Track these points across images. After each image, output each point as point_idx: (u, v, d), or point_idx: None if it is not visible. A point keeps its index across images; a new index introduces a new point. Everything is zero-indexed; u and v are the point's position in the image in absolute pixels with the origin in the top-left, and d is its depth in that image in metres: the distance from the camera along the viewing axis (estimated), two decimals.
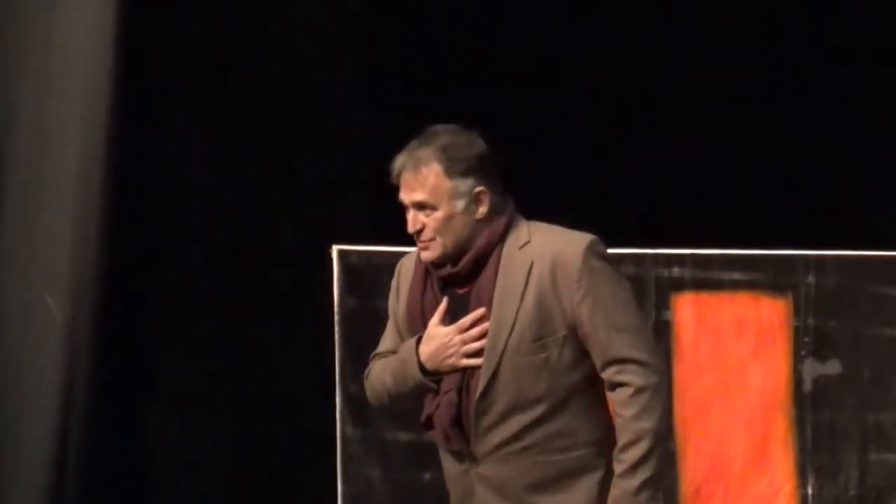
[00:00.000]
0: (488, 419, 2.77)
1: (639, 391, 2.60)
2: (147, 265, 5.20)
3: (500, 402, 2.77)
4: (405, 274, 2.92)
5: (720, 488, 4.85)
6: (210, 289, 5.20)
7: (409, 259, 2.90)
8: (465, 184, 2.72)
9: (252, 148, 5.25)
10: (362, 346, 4.81)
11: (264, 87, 5.25)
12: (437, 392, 2.77)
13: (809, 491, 4.90)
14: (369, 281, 5.04)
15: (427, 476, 4.85)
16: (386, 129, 5.44)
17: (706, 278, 4.93)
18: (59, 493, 4.69)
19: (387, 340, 2.97)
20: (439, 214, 2.71)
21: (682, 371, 4.41)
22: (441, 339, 2.69)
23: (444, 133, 2.77)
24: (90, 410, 4.82)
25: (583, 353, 2.75)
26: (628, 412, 2.63)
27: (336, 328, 4.90)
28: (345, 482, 4.84)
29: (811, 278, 4.85)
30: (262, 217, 5.22)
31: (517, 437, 2.78)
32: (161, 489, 5.16)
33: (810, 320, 4.87)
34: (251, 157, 5.18)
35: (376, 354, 2.99)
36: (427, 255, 2.74)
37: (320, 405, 4.90)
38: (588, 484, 2.77)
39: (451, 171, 2.74)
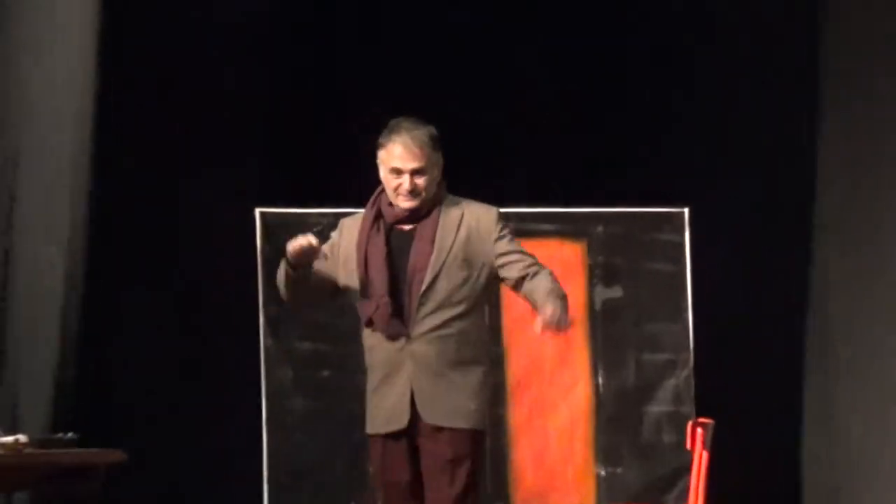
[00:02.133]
0: (425, 309, 3.84)
1: (548, 272, 3.87)
2: (123, 228, 6.60)
3: (436, 297, 3.85)
4: (348, 226, 4.04)
5: (535, 380, 6.48)
6: (174, 242, 6.64)
7: (351, 219, 4.08)
8: (438, 156, 3.87)
9: (197, 138, 6.68)
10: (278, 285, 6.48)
11: (202, 89, 6.68)
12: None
13: (600, 381, 6.54)
14: (283, 235, 6.17)
15: (325, 373, 6.46)
16: (289, 124, 7.09)
17: (524, 229, 6.19)
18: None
19: None
20: (427, 178, 3.82)
21: (506, 295, 5.85)
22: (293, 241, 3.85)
23: (418, 121, 3.90)
24: (80, 331, 6.33)
25: (489, 282, 3.96)
26: (547, 278, 3.85)
27: (259, 270, 6.35)
28: (267, 379, 6.37)
29: (600, 228, 6.52)
30: (205, 186, 6.63)
31: (443, 326, 3.87)
32: (124, 386, 6.63)
33: (600, 258, 6.56)
34: (197, 145, 6.65)
35: None
36: (412, 204, 3.84)
37: (248, 323, 6.37)
38: (477, 370, 3.95)
39: (434, 148, 3.86)
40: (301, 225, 6.65)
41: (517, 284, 4.02)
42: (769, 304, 7.27)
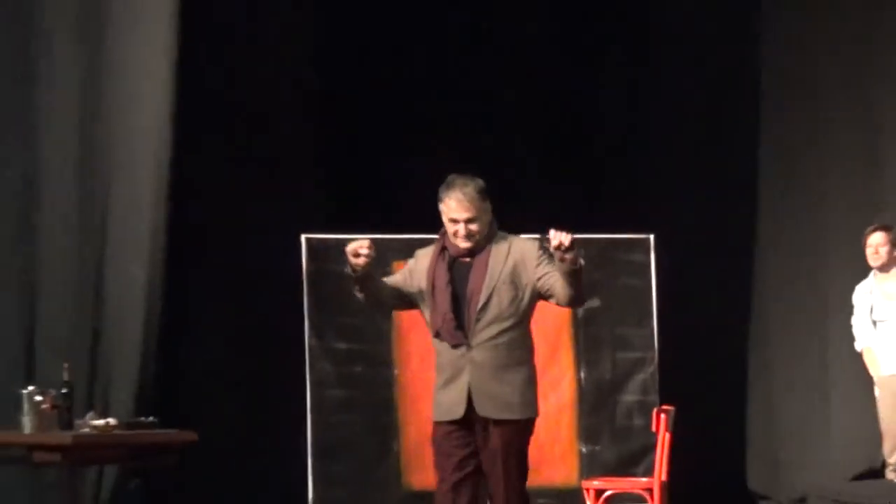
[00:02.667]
0: (482, 323, 4.32)
1: None
2: (194, 249, 7.44)
3: (490, 314, 4.31)
4: (422, 256, 4.52)
5: None
6: (236, 261, 7.50)
7: (424, 250, 4.54)
8: (487, 205, 4.39)
9: (255, 174, 7.60)
10: (320, 296, 7.33)
11: (260, 134, 7.65)
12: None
13: (582, 375, 7.52)
14: (324, 256, 7.36)
15: (358, 368, 7.36)
16: (332, 169, 8.02)
17: None
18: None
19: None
20: (479, 224, 4.34)
21: None
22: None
23: (469, 178, 4.39)
24: (159, 334, 7.14)
25: (532, 300, 4.39)
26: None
27: (304, 283, 7.27)
28: (311, 373, 7.27)
29: (582, 250, 6.84)
30: (260, 216, 7.56)
31: (496, 336, 4.33)
32: (195, 378, 7.52)
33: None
34: (255, 181, 7.58)
35: None
36: (468, 245, 4.34)
37: (295, 327, 7.26)
38: (523, 370, 4.43)
39: (483, 199, 4.36)
40: (338, 248, 7.16)
41: (556, 287, 4.42)
42: (719, 310, 8.29)
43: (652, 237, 7.81)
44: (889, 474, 7.10)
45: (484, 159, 7.80)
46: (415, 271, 4.59)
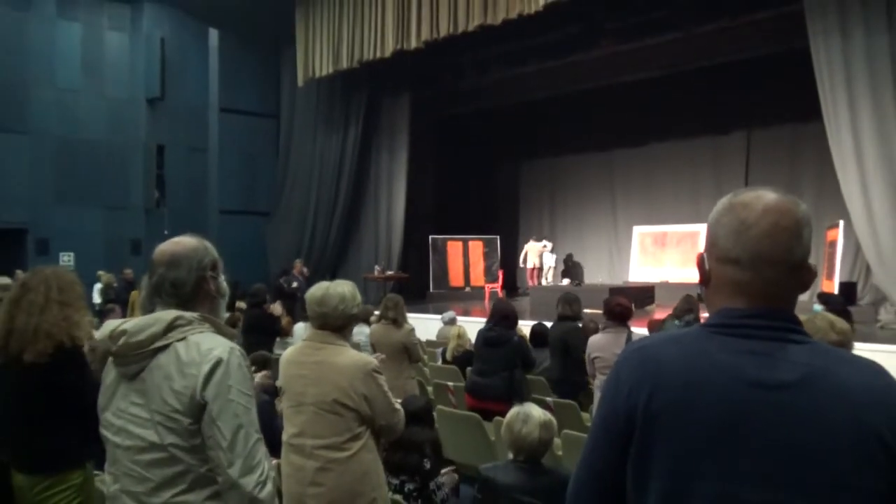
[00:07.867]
0: None
1: None
2: (411, 235, 28.59)
3: None
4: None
5: None
6: (416, 239, 28.64)
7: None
8: None
9: (415, 214, 28.77)
10: (434, 255, 29.91)
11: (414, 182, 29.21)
12: None
13: (486, 251, 31.70)
14: (437, 244, 29.17)
15: (443, 267, 30.38)
16: (444, 191, 30.61)
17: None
18: None
19: None
20: None
21: None
22: None
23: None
24: (402, 251, 30.10)
25: None
26: None
27: (430, 252, 28.71)
28: (433, 264, 29.71)
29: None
30: (411, 224, 27.63)
31: None
32: (407, 265, 29.75)
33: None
34: (414, 207, 28.78)
35: None
36: None
37: (427, 258, 29.50)
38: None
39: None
40: (440, 242, 29.58)
41: None
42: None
43: (498, 237, 28.89)
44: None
45: (451, 196, 30.21)
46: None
